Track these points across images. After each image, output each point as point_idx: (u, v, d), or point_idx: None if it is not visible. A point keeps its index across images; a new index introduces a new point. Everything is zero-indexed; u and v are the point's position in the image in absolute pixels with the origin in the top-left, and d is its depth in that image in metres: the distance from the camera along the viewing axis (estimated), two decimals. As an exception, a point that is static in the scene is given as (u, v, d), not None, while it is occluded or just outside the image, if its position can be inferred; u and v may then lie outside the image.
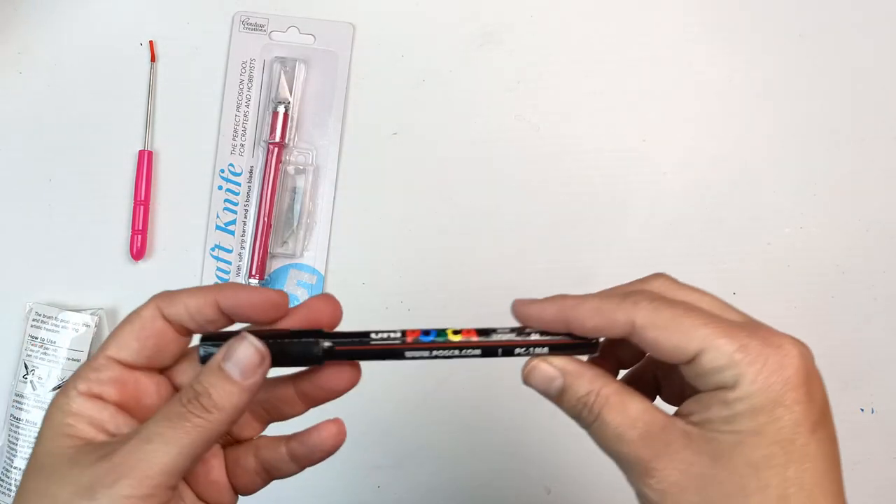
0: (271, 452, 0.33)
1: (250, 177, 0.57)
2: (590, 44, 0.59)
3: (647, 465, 0.28)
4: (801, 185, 0.59)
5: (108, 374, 0.30)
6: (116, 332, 0.30)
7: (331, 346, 0.30)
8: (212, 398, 0.28)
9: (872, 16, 0.60)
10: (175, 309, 0.30)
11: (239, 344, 0.29)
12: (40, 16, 0.58)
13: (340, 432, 0.32)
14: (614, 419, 0.30)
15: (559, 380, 0.31)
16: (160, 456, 0.27)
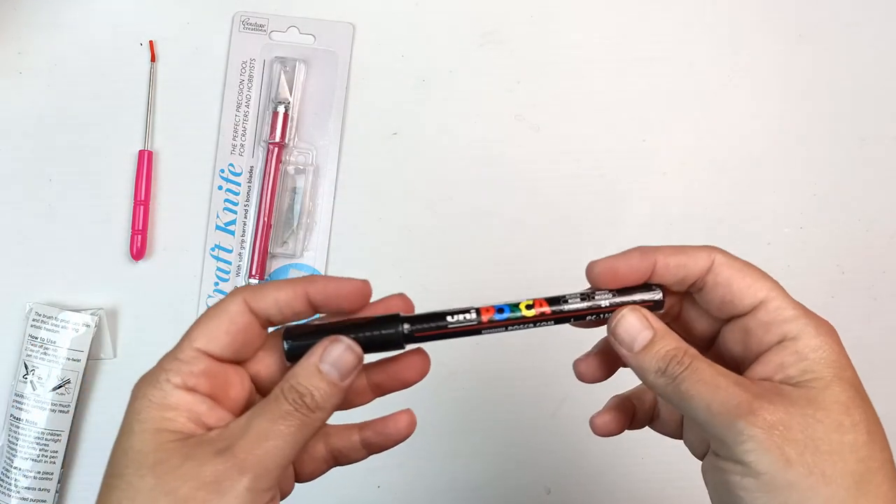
0: (343, 440, 0.34)
1: (250, 177, 0.57)
2: (590, 44, 0.59)
3: (749, 405, 0.28)
4: (801, 185, 0.59)
5: (200, 367, 0.30)
6: (203, 324, 0.31)
7: (411, 330, 0.31)
8: (315, 399, 0.29)
9: (872, 16, 0.60)
10: (264, 303, 0.31)
11: (335, 346, 0.30)
12: (40, 16, 0.58)
13: (413, 422, 0.34)
14: (707, 368, 0.30)
15: (648, 332, 0.31)
16: (278, 452, 0.28)
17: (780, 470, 0.27)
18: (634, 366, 0.32)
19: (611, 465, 0.57)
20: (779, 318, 0.30)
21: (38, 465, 0.52)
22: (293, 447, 0.29)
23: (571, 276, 0.60)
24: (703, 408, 0.29)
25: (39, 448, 0.52)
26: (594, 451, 0.57)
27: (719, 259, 0.31)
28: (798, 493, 0.27)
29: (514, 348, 0.57)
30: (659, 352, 0.31)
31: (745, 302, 0.31)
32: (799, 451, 0.28)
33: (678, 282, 0.32)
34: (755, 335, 0.31)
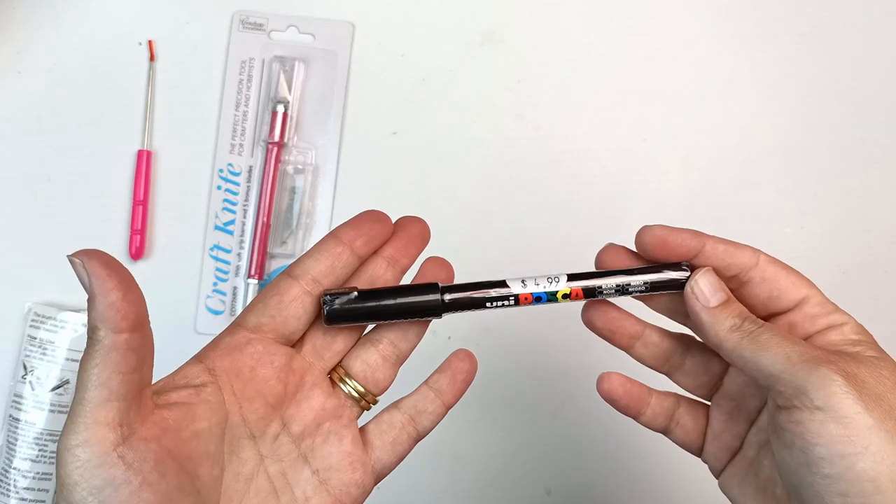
0: (414, 397, 0.35)
1: (249, 176, 0.57)
2: (590, 43, 0.59)
3: (827, 356, 0.30)
4: (801, 185, 0.59)
5: (227, 341, 0.33)
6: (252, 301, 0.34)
7: (450, 300, 0.34)
8: (90, 322, 0.28)
9: (872, 16, 0.60)
10: (302, 263, 0.34)
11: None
12: (40, 16, 0.58)
13: (472, 355, 0.36)
14: (781, 328, 0.32)
15: (723, 293, 0.33)
16: (80, 397, 0.27)
17: (862, 413, 0.28)
18: (708, 320, 0.32)
19: (611, 466, 0.57)
20: (824, 310, 0.32)
21: (36, 465, 0.52)
22: (92, 377, 0.27)
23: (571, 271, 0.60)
24: (782, 356, 0.30)
25: (38, 448, 0.52)
26: (594, 452, 0.57)
27: (765, 257, 0.33)
28: (879, 437, 0.28)
29: (515, 348, 0.57)
30: (735, 309, 0.32)
31: (791, 297, 0.33)
32: (875, 399, 0.28)
33: (722, 269, 0.33)
34: (801, 327, 0.33)
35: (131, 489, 0.27)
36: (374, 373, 0.34)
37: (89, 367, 0.27)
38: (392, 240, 0.35)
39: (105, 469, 0.27)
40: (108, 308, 0.27)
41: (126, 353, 0.28)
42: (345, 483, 0.33)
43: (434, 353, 0.57)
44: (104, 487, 0.26)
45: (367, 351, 0.35)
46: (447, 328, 0.56)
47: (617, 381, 0.37)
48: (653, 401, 0.37)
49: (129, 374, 0.28)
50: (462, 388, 0.35)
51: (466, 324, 0.57)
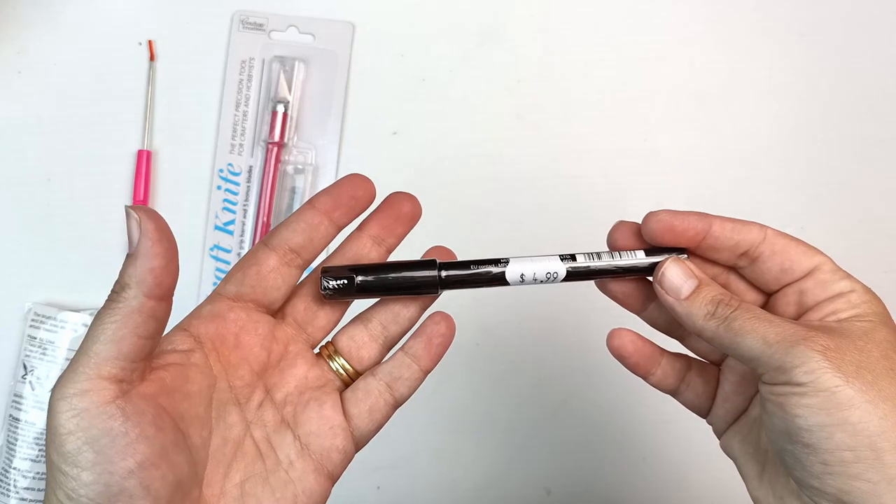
0: (390, 363, 0.35)
1: (249, 176, 0.57)
2: (590, 43, 0.59)
3: (805, 333, 0.30)
4: (801, 185, 0.59)
5: (208, 309, 0.33)
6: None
7: (447, 275, 0.34)
8: (117, 280, 0.29)
9: (873, 15, 0.60)
10: (278, 233, 0.34)
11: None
12: (40, 16, 0.58)
13: (449, 318, 0.35)
14: (757, 308, 0.32)
15: (693, 280, 0.33)
16: (88, 346, 0.28)
17: (840, 386, 0.28)
18: (682, 313, 0.33)
19: (611, 466, 0.57)
20: (836, 277, 0.32)
21: (36, 465, 0.52)
22: (101, 338, 0.27)
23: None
24: (758, 339, 0.30)
25: (38, 448, 0.52)
26: (595, 452, 0.57)
27: (772, 231, 0.34)
28: (857, 409, 0.28)
29: (515, 348, 0.57)
30: (706, 296, 0.32)
31: (803, 266, 0.33)
32: (855, 371, 0.29)
33: (731, 247, 0.33)
34: (811, 294, 0.33)
35: (128, 441, 0.27)
36: (359, 349, 0.35)
37: (105, 322, 0.28)
38: (378, 216, 0.35)
39: (104, 419, 0.27)
40: (148, 272, 0.28)
41: (148, 318, 0.28)
42: (325, 448, 0.33)
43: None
44: (101, 437, 0.26)
45: (355, 328, 0.35)
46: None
47: (628, 337, 0.36)
48: (664, 362, 0.37)
49: (145, 339, 0.28)
50: (439, 353, 0.35)
51: (466, 324, 0.57)
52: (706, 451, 0.57)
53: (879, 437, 0.28)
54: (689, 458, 0.57)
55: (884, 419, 0.28)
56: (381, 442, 0.56)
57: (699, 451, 0.56)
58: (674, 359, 0.37)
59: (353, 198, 0.34)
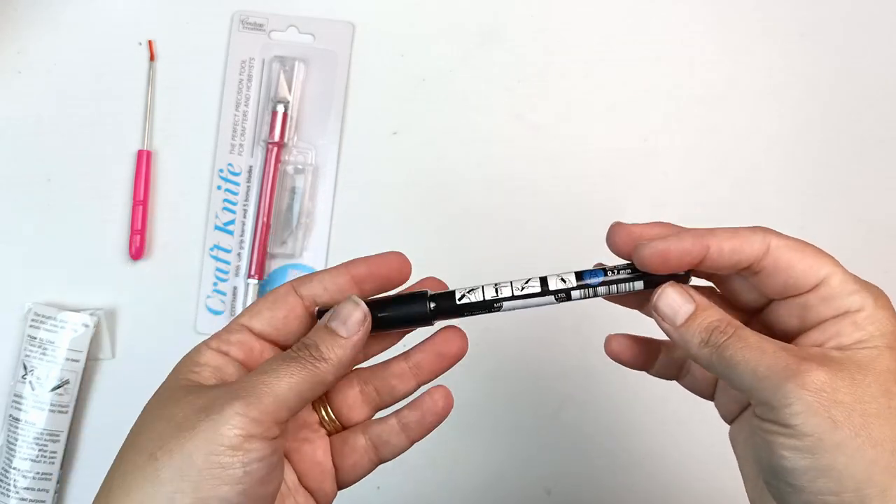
0: (381, 426, 0.35)
1: (249, 176, 0.57)
2: (590, 43, 0.59)
3: (797, 367, 0.28)
4: (801, 185, 0.58)
5: (238, 337, 0.32)
6: (253, 304, 0.34)
7: (437, 305, 0.34)
8: (319, 349, 0.31)
9: (873, 15, 0.60)
10: (310, 286, 0.33)
11: (344, 304, 0.32)
12: (40, 16, 0.58)
13: (449, 396, 0.35)
14: (751, 336, 0.30)
15: (690, 305, 0.31)
16: (273, 385, 0.29)
17: (827, 431, 0.27)
18: (678, 339, 0.32)
19: (611, 466, 0.57)
20: (842, 292, 0.31)
21: (36, 465, 0.52)
22: (291, 386, 0.29)
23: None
24: (748, 372, 0.29)
25: (38, 448, 0.52)
26: (595, 452, 0.57)
27: (775, 242, 0.31)
28: (844, 455, 0.27)
29: (515, 349, 0.57)
30: (702, 323, 0.31)
31: (809, 281, 0.31)
32: (846, 414, 0.28)
33: (731, 266, 0.32)
34: (815, 310, 0.31)
35: (269, 470, 0.29)
36: (349, 410, 0.36)
37: (297, 374, 0.30)
38: (426, 350, 0.36)
39: (264, 447, 0.29)
40: (350, 361, 0.32)
41: (321, 390, 0.31)
42: (315, 489, 0.35)
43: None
44: (255, 462, 0.29)
45: (350, 388, 0.36)
46: (447, 328, 0.56)
47: (624, 343, 0.37)
48: (662, 354, 0.37)
49: (308, 402, 0.31)
50: (430, 428, 0.35)
51: (466, 324, 0.57)
52: (706, 452, 0.57)
53: (865, 484, 0.27)
54: (689, 459, 0.57)
55: (872, 465, 0.27)
56: (381, 442, 0.57)
57: (699, 452, 0.56)
58: (671, 348, 0.37)
59: (387, 276, 0.34)
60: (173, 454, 0.28)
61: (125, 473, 0.28)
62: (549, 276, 0.34)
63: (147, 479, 0.28)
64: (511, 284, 0.34)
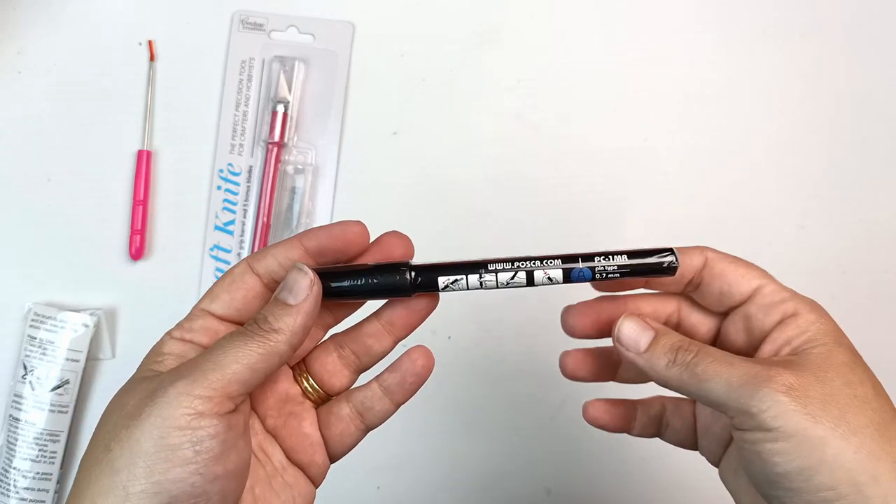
0: (363, 392, 0.35)
1: (249, 176, 0.57)
2: (590, 43, 0.59)
3: (767, 373, 0.29)
4: (801, 185, 0.59)
5: (200, 323, 0.32)
6: (211, 287, 0.33)
7: (416, 276, 0.32)
8: (268, 321, 0.30)
9: (873, 16, 0.60)
10: (265, 262, 0.32)
11: (290, 273, 0.31)
12: (40, 15, 0.58)
13: (428, 355, 0.35)
14: (717, 351, 0.32)
15: (649, 332, 0.33)
16: (220, 360, 0.29)
17: (809, 427, 0.28)
18: (645, 365, 0.33)
19: (611, 466, 0.57)
20: (776, 299, 0.33)
21: (36, 465, 0.52)
22: (241, 360, 0.29)
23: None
24: (722, 384, 0.30)
25: (38, 448, 0.52)
26: (594, 452, 0.57)
27: (711, 255, 0.34)
28: (831, 447, 0.28)
29: (515, 349, 0.57)
30: (665, 344, 0.32)
31: (742, 289, 0.33)
32: (822, 407, 0.29)
33: (676, 281, 0.34)
34: (756, 319, 0.33)
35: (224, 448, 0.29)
36: (330, 377, 0.35)
37: (249, 349, 0.29)
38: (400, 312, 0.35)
39: (214, 426, 0.28)
40: (302, 328, 0.31)
41: (278, 363, 0.30)
42: (306, 462, 0.34)
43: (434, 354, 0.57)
44: (205, 440, 0.28)
45: (328, 354, 0.35)
46: (447, 328, 0.56)
47: (602, 408, 0.38)
48: (639, 414, 0.38)
49: (265, 377, 0.30)
50: (412, 390, 0.35)
51: (466, 324, 0.57)
52: (706, 451, 0.56)
53: (856, 472, 0.28)
54: (689, 459, 0.56)
55: (857, 452, 0.28)
56: (381, 442, 0.56)
57: (698, 452, 0.56)
58: (648, 406, 0.38)
59: (342, 249, 0.33)
60: (123, 443, 0.28)
61: (87, 469, 0.28)
62: (535, 273, 0.33)
63: (103, 471, 0.28)
64: (496, 277, 0.33)
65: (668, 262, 0.32)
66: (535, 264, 0.32)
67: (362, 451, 0.58)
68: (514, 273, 0.33)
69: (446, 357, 0.57)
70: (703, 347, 0.32)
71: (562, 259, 0.32)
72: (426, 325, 0.35)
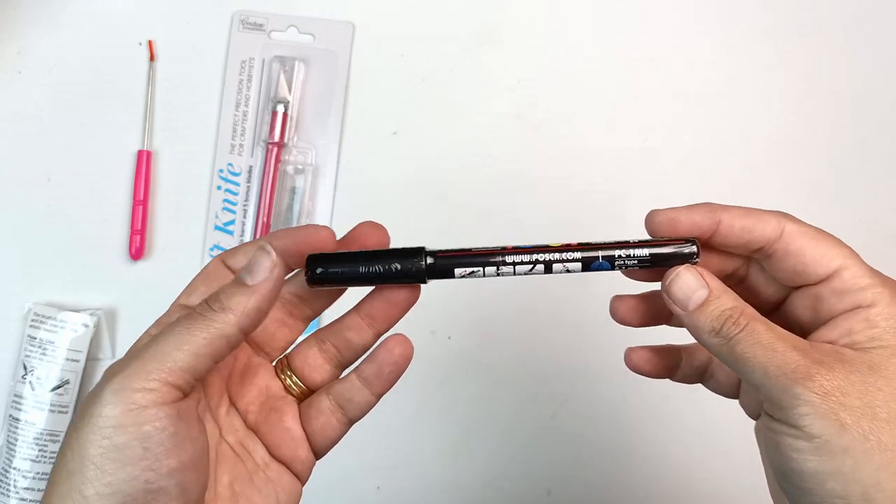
0: (342, 385, 0.34)
1: (249, 177, 0.57)
2: (590, 44, 0.59)
3: (808, 369, 0.28)
4: (800, 185, 0.59)
5: (173, 318, 0.31)
6: (189, 284, 0.32)
7: (433, 262, 0.32)
8: (220, 301, 0.29)
9: (873, 16, 0.60)
10: (237, 258, 0.32)
11: (255, 252, 0.30)
12: (39, 16, 0.58)
13: (406, 342, 0.33)
14: (765, 331, 0.29)
15: (703, 290, 0.31)
16: (163, 348, 0.28)
17: (835, 435, 0.27)
18: (689, 325, 0.31)
19: (611, 466, 0.57)
20: (854, 286, 0.30)
21: (36, 465, 0.52)
22: (187, 347, 0.28)
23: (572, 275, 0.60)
24: (759, 370, 0.29)
25: (38, 448, 0.52)
26: (595, 452, 0.57)
27: (790, 227, 0.31)
28: (852, 459, 0.27)
29: (516, 349, 0.57)
30: (714, 311, 0.30)
31: (819, 271, 0.31)
32: (856, 418, 0.27)
33: (742, 245, 0.31)
34: (827, 303, 0.31)
35: (176, 441, 0.28)
36: (311, 372, 0.35)
37: (193, 333, 0.28)
38: (376, 302, 0.34)
39: (160, 419, 0.27)
40: (255, 310, 0.29)
41: (228, 347, 0.29)
42: (290, 458, 0.34)
43: (434, 354, 0.57)
44: (154, 435, 0.27)
45: (309, 349, 0.35)
46: (447, 328, 0.56)
47: (645, 356, 0.36)
48: (683, 362, 0.37)
49: (214, 362, 0.29)
50: (391, 380, 0.34)
51: (466, 324, 0.57)
52: (705, 452, 0.57)
53: (873, 489, 0.27)
54: (689, 459, 0.57)
55: (880, 470, 0.27)
56: (381, 442, 0.57)
57: (698, 452, 0.56)
58: (693, 354, 0.37)
59: (308, 251, 0.32)
60: (73, 447, 0.27)
61: (51, 474, 0.28)
62: (553, 265, 0.32)
63: (60, 475, 0.27)
64: (514, 267, 0.32)
65: (689, 251, 0.31)
66: (553, 256, 0.32)
67: (362, 451, 0.59)
68: (532, 266, 0.32)
69: (446, 357, 0.57)
70: (753, 322, 0.29)
71: (581, 250, 0.32)
72: (426, 325, 0.35)
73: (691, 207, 0.32)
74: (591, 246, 0.32)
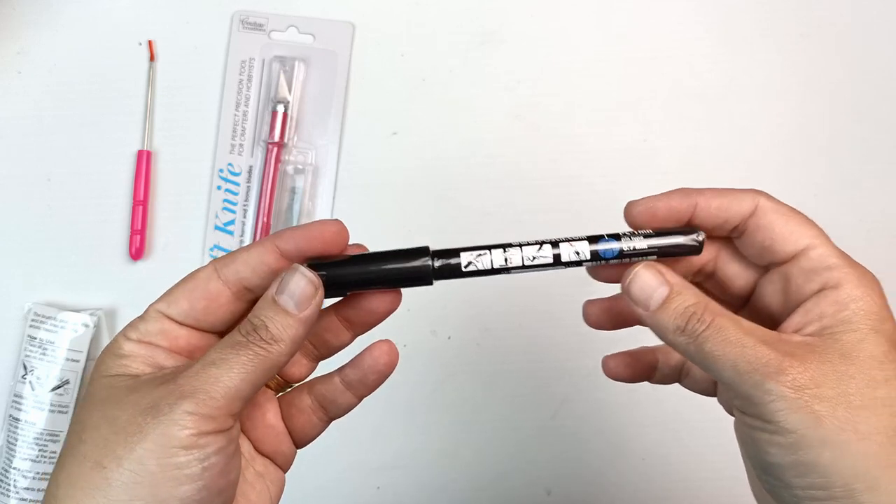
0: (325, 385, 0.34)
1: (249, 177, 0.57)
2: (590, 44, 0.59)
3: (779, 364, 0.27)
4: (800, 185, 0.59)
5: (158, 327, 0.30)
6: (171, 288, 0.31)
7: (440, 267, 0.31)
8: (269, 331, 0.28)
9: (873, 15, 0.60)
10: (234, 267, 0.30)
11: (291, 275, 0.29)
12: (39, 16, 0.58)
13: (392, 351, 0.33)
14: (732, 326, 0.28)
15: (664, 288, 0.30)
16: (223, 379, 0.27)
17: (811, 428, 0.27)
18: (652, 325, 0.30)
19: (611, 466, 0.57)
20: (821, 265, 0.29)
21: (36, 465, 0.52)
22: (243, 377, 0.28)
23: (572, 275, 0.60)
24: (728, 367, 0.28)
25: (38, 448, 0.52)
26: (594, 452, 0.57)
27: (763, 203, 0.30)
28: (830, 450, 0.27)
29: (515, 348, 0.57)
30: (677, 308, 0.29)
31: (787, 248, 0.30)
32: (830, 408, 0.27)
33: (719, 225, 0.31)
34: (795, 283, 0.30)
35: (226, 460, 0.28)
36: (289, 366, 0.34)
37: (249, 362, 0.28)
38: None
39: (219, 442, 0.28)
40: (302, 336, 0.29)
41: (274, 372, 0.29)
42: (272, 452, 0.34)
43: (434, 354, 0.57)
44: (211, 456, 0.28)
45: None
46: (447, 328, 0.56)
47: (622, 362, 0.36)
48: (660, 363, 0.37)
49: (261, 386, 0.29)
50: (375, 386, 0.33)
51: (466, 324, 0.57)
52: (705, 451, 0.57)
53: (853, 479, 0.27)
54: (688, 458, 0.57)
55: (859, 459, 0.27)
56: (381, 442, 0.57)
57: (698, 451, 0.56)
58: (668, 355, 0.37)
59: (320, 251, 0.31)
60: (122, 461, 0.26)
61: (71, 484, 0.27)
62: (562, 246, 0.32)
63: (97, 487, 0.26)
64: (521, 251, 0.32)
65: (697, 241, 0.31)
66: (559, 237, 0.32)
67: (362, 451, 0.59)
68: (539, 247, 0.32)
69: (446, 357, 0.57)
70: (718, 318, 0.29)
71: (588, 240, 0.32)
72: (426, 325, 0.35)
73: (667, 194, 0.32)
74: (596, 238, 0.32)
